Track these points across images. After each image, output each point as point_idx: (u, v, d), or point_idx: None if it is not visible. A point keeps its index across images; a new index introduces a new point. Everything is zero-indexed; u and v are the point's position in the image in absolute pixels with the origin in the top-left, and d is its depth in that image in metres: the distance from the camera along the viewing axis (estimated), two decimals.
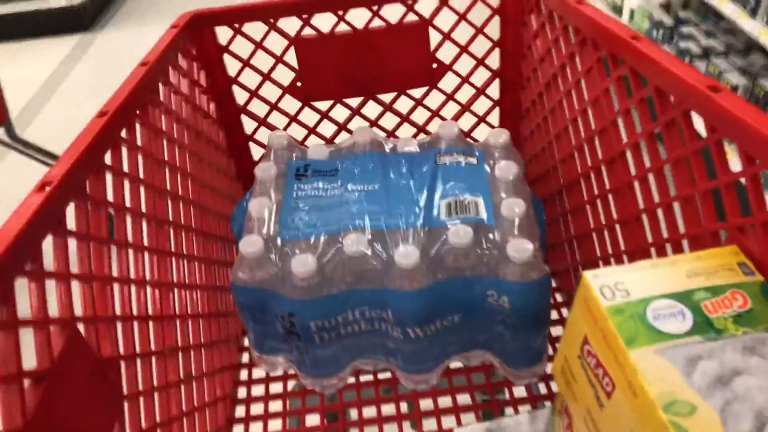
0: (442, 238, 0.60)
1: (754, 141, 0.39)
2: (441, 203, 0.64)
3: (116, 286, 0.51)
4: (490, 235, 0.61)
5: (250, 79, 0.82)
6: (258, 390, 0.73)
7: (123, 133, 0.56)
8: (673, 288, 0.40)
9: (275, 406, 0.71)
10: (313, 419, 0.71)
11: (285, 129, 0.81)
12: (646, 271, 0.41)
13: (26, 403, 0.38)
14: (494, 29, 0.81)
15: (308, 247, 0.62)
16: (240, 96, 0.84)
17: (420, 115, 0.85)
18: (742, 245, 0.42)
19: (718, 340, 0.37)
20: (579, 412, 0.44)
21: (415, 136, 0.87)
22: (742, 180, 0.42)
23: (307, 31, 0.79)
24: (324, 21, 0.79)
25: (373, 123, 0.85)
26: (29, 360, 0.39)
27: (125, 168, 0.56)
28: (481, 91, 0.84)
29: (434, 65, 0.82)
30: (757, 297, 0.39)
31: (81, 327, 0.45)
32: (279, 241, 0.63)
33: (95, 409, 0.45)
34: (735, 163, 0.42)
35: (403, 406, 0.70)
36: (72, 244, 0.46)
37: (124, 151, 0.56)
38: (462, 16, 0.79)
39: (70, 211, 0.46)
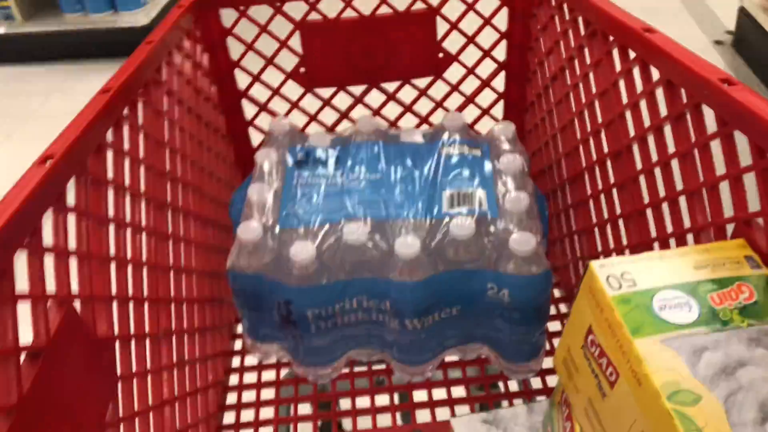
0: (444, 229, 0.60)
1: (766, 134, 0.39)
2: (444, 194, 0.63)
3: (113, 266, 0.50)
4: (493, 228, 0.60)
5: (252, 63, 0.82)
6: (250, 377, 0.72)
7: (125, 112, 0.55)
8: (679, 279, 0.39)
9: (267, 393, 0.70)
10: (304, 408, 0.70)
11: (286, 115, 0.81)
12: (653, 262, 0.40)
13: (22, 379, 0.37)
14: (502, 20, 0.81)
15: (307, 234, 0.61)
16: (242, 81, 0.83)
17: (424, 106, 0.84)
18: (750, 239, 0.41)
19: (723, 332, 0.37)
20: (580, 403, 0.44)
21: (417, 126, 0.86)
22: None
23: (314, 16, 0.79)
24: (330, 6, 0.78)
25: (376, 112, 0.84)
26: (25, 338, 0.38)
27: (126, 147, 0.55)
28: (486, 83, 0.84)
29: (440, 55, 0.81)
30: (763, 290, 0.39)
31: (77, 306, 0.45)
32: (278, 227, 0.62)
33: (90, 389, 0.45)
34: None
35: (397, 397, 0.69)
36: (71, 222, 0.45)
37: (125, 129, 0.55)
38: (470, 6, 0.78)
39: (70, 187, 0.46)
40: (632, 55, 0.54)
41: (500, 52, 0.83)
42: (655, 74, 0.51)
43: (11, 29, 2.68)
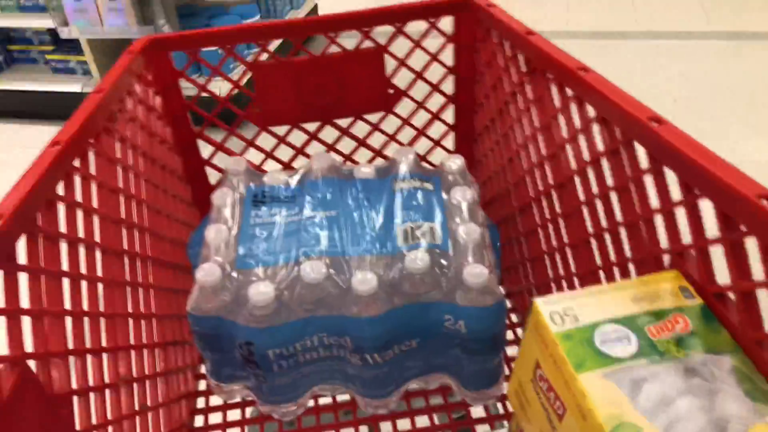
0: (399, 264, 0.61)
1: (692, 172, 0.41)
2: (398, 229, 0.65)
3: (69, 320, 0.50)
4: (446, 261, 0.62)
5: (206, 103, 0.82)
6: (216, 418, 0.72)
7: (76, 163, 0.55)
8: (619, 313, 0.41)
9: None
10: None
11: (242, 153, 0.82)
12: (594, 297, 0.42)
13: None
14: (449, 56, 0.83)
15: (266, 274, 0.62)
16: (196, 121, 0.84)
17: (377, 139, 0.86)
18: (683, 270, 0.44)
19: (661, 363, 0.39)
20: None
21: (371, 160, 0.88)
22: None
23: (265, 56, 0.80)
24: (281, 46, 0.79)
25: (330, 147, 0.86)
26: None
27: (78, 198, 0.55)
28: (436, 116, 0.86)
29: (390, 91, 0.83)
30: (697, 320, 0.41)
31: (32, 363, 0.45)
32: (236, 268, 0.63)
33: None
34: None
35: (363, 430, 0.70)
36: (23, 280, 0.45)
37: (77, 181, 0.56)
38: (417, 44, 0.80)
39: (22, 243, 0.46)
40: (570, 92, 0.57)
41: (449, 86, 0.86)
42: (592, 110, 0.53)
43: (88, 87, 2.51)
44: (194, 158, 0.85)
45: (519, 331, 0.77)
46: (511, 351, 0.73)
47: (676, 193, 0.45)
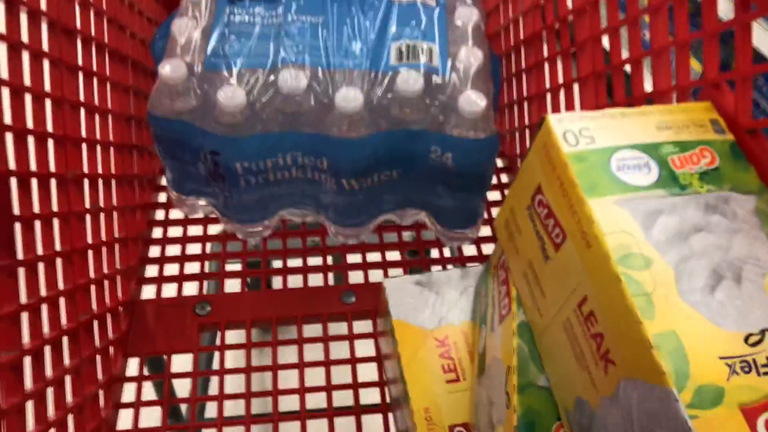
0: (390, 84, 0.55)
1: None
2: (392, 45, 0.58)
3: (6, 93, 0.44)
4: (442, 86, 0.56)
5: None
6: (176, 231, 0.68)
7: None
8: (640, 139, 0.36)
9: (194, 248, 0.66)
10: (233, 265, 0.67)
11: None
12: (614, 120, 0.37)
13: None
14: None
15: (238, 79, 0.55)
16: None
17: None
18: (717, 102, 0.39)
19: (681, 196, 0.34)
20: (519, 266, 0.42)
21: None
22: None
23: None
24: None
25: None
26: None
27: None
28: None
29: None
30: (725, 156, 0.36)
31: None
32: (205, 68, 0.56)
33: None
34: None
35: (330, 259, 0.67)
36: None
37: None
38: None
39: None
40: None
41: None
42: None
43: None
44: None
45: (504, 176, 0.73)
46: (492, 197, 0.70)
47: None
